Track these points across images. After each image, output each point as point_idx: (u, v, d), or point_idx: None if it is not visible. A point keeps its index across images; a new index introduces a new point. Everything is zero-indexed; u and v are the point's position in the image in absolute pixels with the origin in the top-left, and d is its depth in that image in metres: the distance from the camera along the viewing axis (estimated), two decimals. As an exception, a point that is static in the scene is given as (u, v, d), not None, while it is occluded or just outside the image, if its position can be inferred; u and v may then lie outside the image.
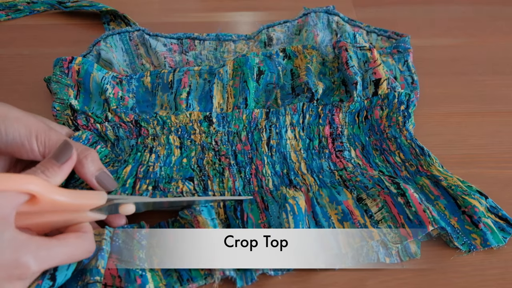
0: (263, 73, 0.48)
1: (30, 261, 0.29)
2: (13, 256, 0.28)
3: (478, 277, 0.36)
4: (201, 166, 0.43)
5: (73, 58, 0.46)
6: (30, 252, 0.29)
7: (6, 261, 0.28)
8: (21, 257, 0.28)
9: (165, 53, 0.52)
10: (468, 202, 0.38)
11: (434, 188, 0.41)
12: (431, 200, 0.40)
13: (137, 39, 0.53)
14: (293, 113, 0.46)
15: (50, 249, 0.30)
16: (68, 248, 0.31)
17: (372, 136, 0.46)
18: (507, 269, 0.37)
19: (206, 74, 0.48)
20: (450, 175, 0.41)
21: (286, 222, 0.36)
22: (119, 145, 0.44)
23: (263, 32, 0.56)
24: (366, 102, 0.46)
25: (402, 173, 0.43)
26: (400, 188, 0.39)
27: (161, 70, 0.48)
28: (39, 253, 0.29)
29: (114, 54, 0.51)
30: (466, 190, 0.39)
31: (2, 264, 0.28)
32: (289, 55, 0.50)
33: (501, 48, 0.59)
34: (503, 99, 0.52)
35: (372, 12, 0.64)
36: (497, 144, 0.47)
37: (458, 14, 0.65)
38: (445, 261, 0.37)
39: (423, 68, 0.54)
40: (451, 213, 0.39)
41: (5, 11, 0.59)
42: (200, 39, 0.55)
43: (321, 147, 0.45)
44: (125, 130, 0.44)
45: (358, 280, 0.36)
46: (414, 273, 0.36)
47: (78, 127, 0.44)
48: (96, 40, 0.52)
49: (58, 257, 0.30)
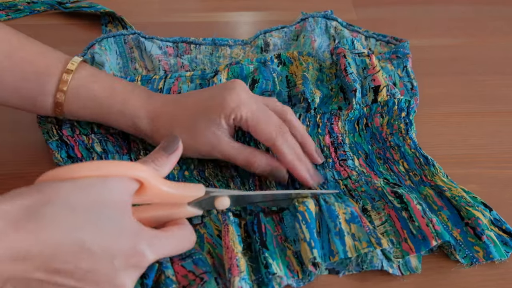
0: (258, 82, 0.47)
1: (146, 250, 0.29)
2: (131, 244, 0.29)
3: (478, 277, 0.36)
4: (205, 177, 0.42)
5: None
6: (145, 240, 0.29)
7: (124, 248, 0.28)
8: (137, 245, 0.29)
9: (159, 56, 0.52)
10: (472, 213, 0.38)
11: (437, 199, 0.40)
12: (434, 211, 0.39)
13: (132, 42, 0.53)
14: None
15: (161, 239, 0.30)
16: (175, 239, 0.32)
17: (374, 144, 0.45)
18: (507, 269, 0.37)
19: (198, 79, 0.48)
20: (454, 186, 0.40)
21: (301, 233, 0.35)
22: (108, 159, 0.43)
23: (260, 37, 0.56)
24: (365, 110, 0.46)
25: (406, 182, 0.42)
26: (404, 202, 0.38)
27: (152, 75, 0.48)
28: (153, 242, 0.30)
29: (108, 57, 0.51)
30: (470, 201, 0.39)
31: (123, 251, 0.28)
32: (284, 61, 0.50)
33: (501, 48, 0.59)
34: (503, 99, 0.52)
35: (372, 12, 0.64)
36: (497, 144, 0.47)
37: (458, 14, 0.65)
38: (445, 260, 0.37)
39: (423, 68, 0.54)
40: (453, 225, 0.38)
41: (5, 11, 0.59)
42: (196, 43, 0.55)
43: (323, 156, 0.43)
44: (113, 144, 0.44)
45: (358, 280, 0.36)
46: (414, 273, 0.36)
47: (63, 137, 0.43)
48: (91, 43, 0.52)
49: (168, 247, 0.31)
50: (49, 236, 0.26)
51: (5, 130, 0.46)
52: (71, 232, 0.27)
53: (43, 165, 0.43)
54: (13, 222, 0.25)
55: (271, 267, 0.33)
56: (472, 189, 0.41)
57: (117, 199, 0.29)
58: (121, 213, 0.29)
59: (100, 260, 0.27)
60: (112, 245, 0.28)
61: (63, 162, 0.42)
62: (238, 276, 0.32)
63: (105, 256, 0.27)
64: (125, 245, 0.28)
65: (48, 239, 0.26)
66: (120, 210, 0.29)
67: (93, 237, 0.27)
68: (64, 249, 0.26)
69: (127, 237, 0.28)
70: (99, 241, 0.27)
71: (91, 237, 0.27)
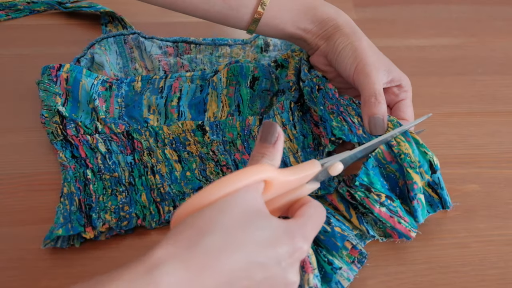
0: (258, 79, 0.48)
1: (302, 243, 0.29)
2: (289, 242, 0.29)
3: (478, 277, 0.36)
4: (206, 176, 0.43)
5: (61, 66, 0.45)
6: (298, 234, 0.29)
7: (285, 249, 0.28)
8: (294, 242, 0.29)
9: (159, 56, 0.52)
10: (410, 176, 0.37)
11: (387, 153, 0.38)
12: (383, 165, 0.38)
13: (132, 42, 0.53)
14: (281, 111, 0.45)
15: (307, 226, 0.30)
16: (314, 219, 0.32)
17: (327, 102, 0.43)
18: (507, 269, 0.37)
19: (198, 79, 0.48)
20: (403, 140, 0.38)
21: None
22: (112, 158, 0.43)
23: (260, 37, 0.56)
24: (316, 80, 0.45)
25: (358, 131, 0.40)
26: (367, 208, 0.38)
27: (152, 75, 0.48)
28: (303, 232, 0.30)
29: (108, 57, 0.51)
30: (413, 162, 0.37)
31: (286, 252, 0.28)
32: (282, 64, 0.50)
33: (501, 48, 0.59)
34: (503, 99, 0.52)
35: (372, 12, 0.64)
36: (497, 144, 0.47)
37: (458, 14, 0.65)
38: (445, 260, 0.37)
39: (423, 68, 0.54)
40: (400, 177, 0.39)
41: (5, 11, 0.59)
42: (196, 43, 0.55)
43: (316, 144, 0.44)
44: (117, 143, 0.44)
45: (358, 280, 0.36)
46: (414, 273, 0.36)
47: (68, 137, 0.43)
48: (91, 43, 0.52)
49: (314, 230, 0.31)
50: (220, 265, 0.26)
51: (5, 130, 0.46)
52: (236, 254, 0.27)
53: (44, 165, 0.43)
54: (183, 263, 0.25)
55: (334, 263, 0.35)
56: (472, 189, 0.41)
57: (257, 207, 0.29)
58: (266, 218, 0.29)
59: (271, 268, 0.28)
60: (274, 250, 0.28)
61: (67, 162, 0.42)
62: (312, 273, 0.32)
63: (273, 262, 0.28)
64: (284, 246, 0.29)
65: (220, 268, 0.26)
66: (264, 216, 0.29)
67: (257, 249, 0.27)
68: (237, 271, 0.27)
69: (283, 238, 0.29)
70: (263, 251, 0.28)
71: (255, 251, 0.27)
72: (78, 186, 0.41)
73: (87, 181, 0.41)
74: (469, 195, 0.42)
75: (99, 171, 0.42)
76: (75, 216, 0.38)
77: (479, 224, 0.40)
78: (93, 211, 0.39)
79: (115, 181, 0.42)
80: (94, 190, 0.41)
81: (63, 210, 0.39)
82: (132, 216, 0.39)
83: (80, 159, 0.43)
